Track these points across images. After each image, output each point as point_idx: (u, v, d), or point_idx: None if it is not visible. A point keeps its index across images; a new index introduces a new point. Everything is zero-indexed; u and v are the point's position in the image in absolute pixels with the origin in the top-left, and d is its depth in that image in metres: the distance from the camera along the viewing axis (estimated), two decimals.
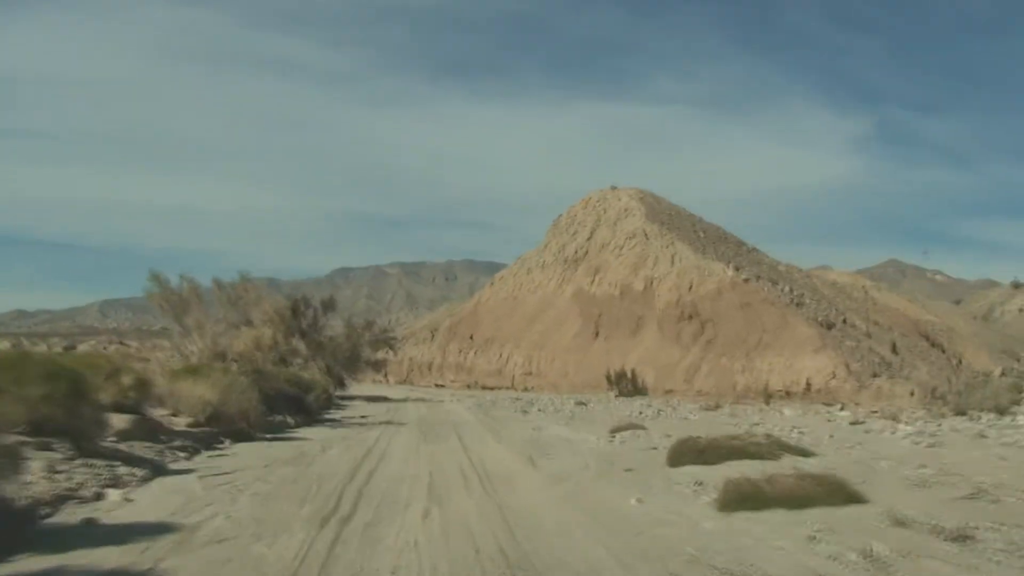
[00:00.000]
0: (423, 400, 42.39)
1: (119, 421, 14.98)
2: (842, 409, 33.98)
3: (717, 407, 31.53)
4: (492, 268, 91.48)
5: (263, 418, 22.14)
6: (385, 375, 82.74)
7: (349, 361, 41.31)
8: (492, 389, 64.11)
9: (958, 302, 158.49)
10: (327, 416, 28.18)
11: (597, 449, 17.23)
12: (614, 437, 19.74)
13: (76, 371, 12.61)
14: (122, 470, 11.86)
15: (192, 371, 20.49)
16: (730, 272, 48.70)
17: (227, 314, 23.94)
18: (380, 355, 44.73)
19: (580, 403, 34.92)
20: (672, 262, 55.44)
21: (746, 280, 47.18)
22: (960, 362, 63.85)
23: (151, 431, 16.17)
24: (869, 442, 17.63)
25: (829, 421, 24.90)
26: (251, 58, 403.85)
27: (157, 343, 59.48)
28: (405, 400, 42.66)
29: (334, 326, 44.51)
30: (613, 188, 73.27)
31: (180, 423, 18.43)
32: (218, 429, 18.57)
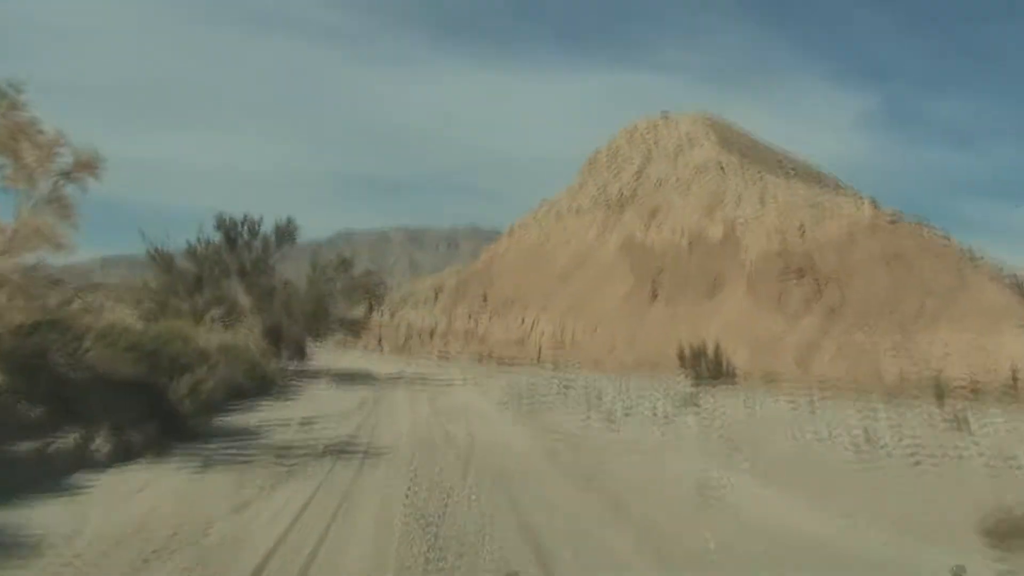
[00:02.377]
0: (423, 381, 28.28)
1: None
2: None
3: None
4: (497, 236, 76.99)
5: None
6: (379, 342, 68.65)
7: (312, 318, 27.08)
8: (511, 364, 49.94)
9: None
10: (230, 419, 14.09)
11: None
12: None
13: None
14: None
15: None
16: (867, 209, 34.17)
17: None
18: (360, 313, 30.57)
19: (687, 401, 20.72)
20: (762, 200, 41.00)
21: (893, 221, 32.75)
22: None
23: None
24: None
25: None
26: (252, 15, 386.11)
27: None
28: (397, 379, 28.57)
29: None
30: (665, 115, 58.41)
31: None
32: None
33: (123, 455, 10.02)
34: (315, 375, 26.51)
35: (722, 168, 45.76)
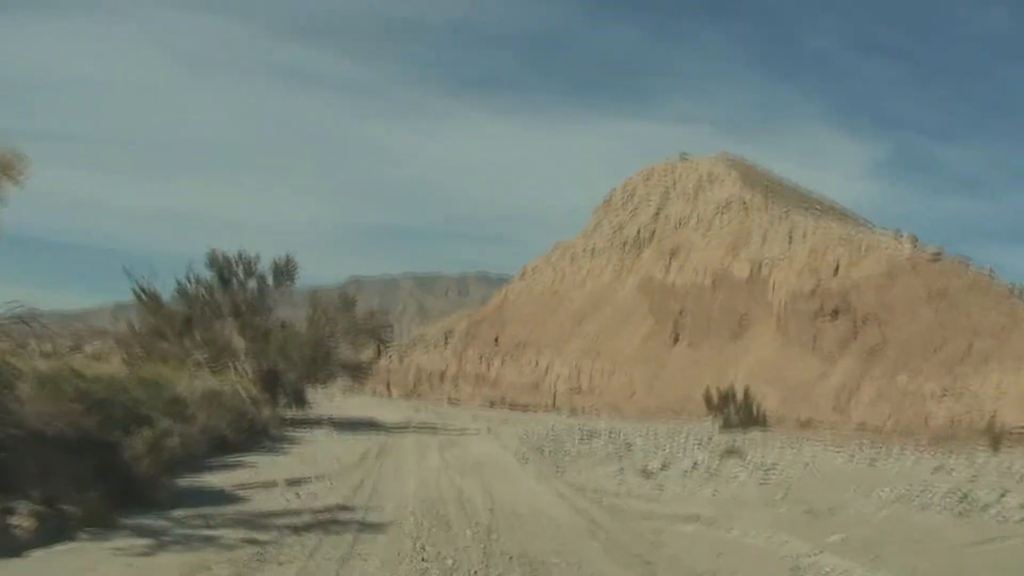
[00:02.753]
0: (432, 429, 26.19)
1: None
2: None
3: None
4: (506, 283, 75.13)
5: None
6: (388, 387, 66.43)
7: (312, 362, 25.02)
8: (524, 409, 47.68)
9: None
10: (205, 479, 11.97)
11: None
12: None
13: None
14: None
15: None
16: (907, 245, 32.12)
17: None
18: (366, 355, 28.50)
19: (730, 451, 18.54)
20: (790, 238, 39.00)
21: (935, 257, 30.65)
22: None
23: None
24: None
25: None
26: (270, 67, 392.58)
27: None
28: (404, 428, 26.46)
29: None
30: (684, 156, 56.73)
31: None
32: None
33: (53, 533, 7.94)
34: (315, 423, 24.38)
35: (745, 206, 43.88)
